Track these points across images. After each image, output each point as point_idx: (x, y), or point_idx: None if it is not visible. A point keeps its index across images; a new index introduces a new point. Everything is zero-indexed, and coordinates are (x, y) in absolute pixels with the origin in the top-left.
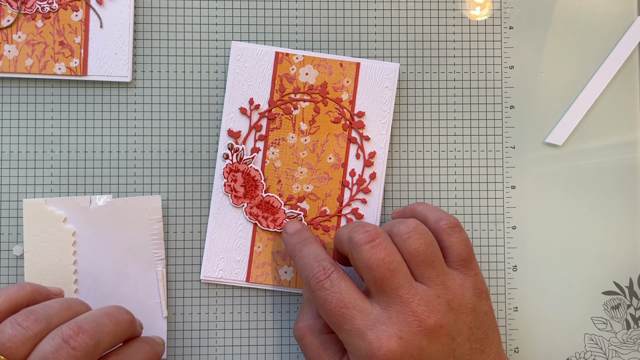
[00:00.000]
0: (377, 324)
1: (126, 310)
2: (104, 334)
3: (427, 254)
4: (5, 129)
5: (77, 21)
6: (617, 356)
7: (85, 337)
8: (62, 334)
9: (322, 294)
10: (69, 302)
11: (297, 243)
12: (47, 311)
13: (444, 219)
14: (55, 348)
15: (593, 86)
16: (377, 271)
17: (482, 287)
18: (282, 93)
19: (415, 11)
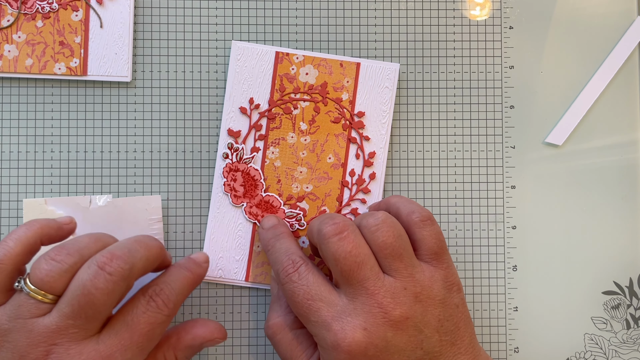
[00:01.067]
0: (342, 315)
1: (154, 238)
2: (137, 259)
3: (395, 246)
4: (5, 129)
5: (77, 21)
6: (617, 356)
7: (119, 262)
8: (97, 262)
9: (290, 287)
10: (97, 235)
11: (271, 238)
12: (78, 245)
13: (416, 212)
14: (93, 275)
15: (593, 86)
16: (344, 263)
17: (452, 280)
18: (282, 93)
19: (415, 11)
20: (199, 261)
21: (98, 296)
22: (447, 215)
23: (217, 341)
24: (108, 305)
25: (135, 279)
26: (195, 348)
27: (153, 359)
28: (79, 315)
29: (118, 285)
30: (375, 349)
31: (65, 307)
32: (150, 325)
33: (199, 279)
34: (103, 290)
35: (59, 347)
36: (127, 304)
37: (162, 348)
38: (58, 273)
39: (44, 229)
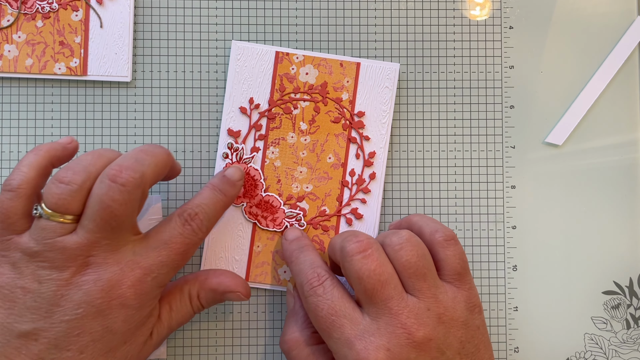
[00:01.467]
0: (365, 334)
1: (159, 145)
2: (145, 166)
3: (419, 266)
4: (5, 129)
5: (77, 21)
6: (617, 356)
7: (130, 172)
8: (108, 176)
9: (314, 300)
10: (99, 151)
11: (295, 250)
12: (82, 163)
13: (439, 231)
14: (107, 189)
15: (593, 86)
16: (368, 282)
17: (475, 302)
18: (282, 92)
19: (415, 11)
20: (234, 179)
21: (116, 207)
22: (447, 215)
23: (240, 297)
24: (129, 214)
25: (148, 187)
26: (218, 294)
27: (179, 292)
28: (104, 228)
29: (132, 194)
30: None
31: (89, 224)
32: (186, 245)
33: (232, 200)
34: (120, 201)
35: (96, 257)
36: (164, 223)
37: (188, 283)
38: (69, 194)
39: (51, 152)
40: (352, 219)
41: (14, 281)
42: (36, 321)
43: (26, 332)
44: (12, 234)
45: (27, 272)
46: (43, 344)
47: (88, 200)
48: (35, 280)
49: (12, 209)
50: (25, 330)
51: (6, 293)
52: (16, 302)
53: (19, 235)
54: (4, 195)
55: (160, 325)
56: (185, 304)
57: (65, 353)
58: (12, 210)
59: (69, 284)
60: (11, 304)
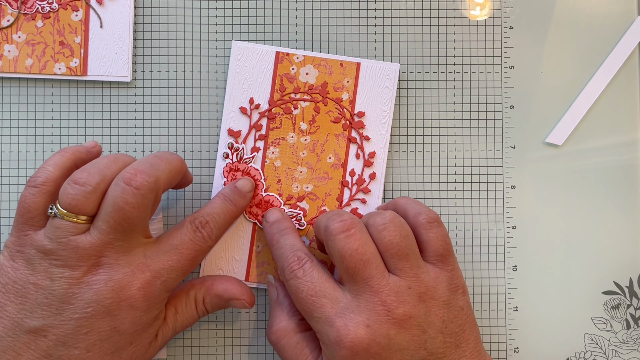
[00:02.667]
0: (346, 311)
1: (173, 152)
2: (160, 172)
3: (402, 246)
4: (5, 129)
5: (77, 21)
6: (617, 356)
7: (144, 176)
8: (123, 179)
9: (295, 283)
10: (115, 155)
11: (276, 233)
12: (98, 166)
13: (423, 213)
14: (121, 192)
15: (593, 86)
16: (350, 261)
17: (457, 282)
18: (282, 93)
19: (415, 11)
20: (244, 191)
21: (130, 210)
22: (447, 215)
23: (244, 304)
24: (141, 217)
25: (162, 192)
26: (223, 300)
27: (185, 296)
28: (117, 230)
29: (146, 198)
30: (377, 346)
31: (103, 225)
32: (195, 252)
33: (242, 211)
34: (133, 204)
35: (109, 258)
36: (176, 229)
37: (195, 287)
38: (83, 195)
39: (76, 154)
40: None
41: (27, 277)
42: (46, 318)
43: (36, 328)
44: (30, 229)
45: (40, 269)
46: (52, 340)
47: (102, 202)
48: (47, 277)
49: (34, 204)
50: (35, 326)
51: (19, 288)
52: (28, 297)
53: (36, 232)
54: (28, 191)
55: (165, 327)
56: (191, 308)
57: (73, 350)
58: (33, 206)
59: (80, 282)
60: (23, 300)
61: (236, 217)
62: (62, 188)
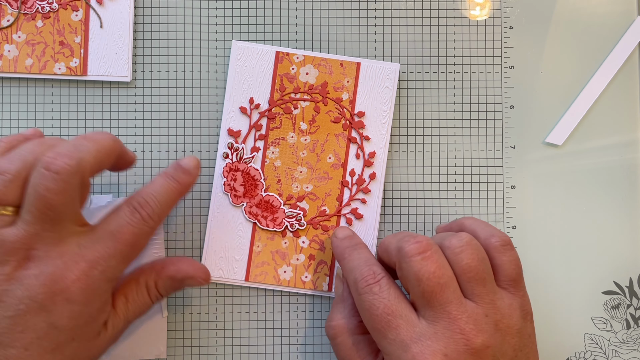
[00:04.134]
0: (422, 337)
1: (108, 133)
2: (84, 153)
3: (479, 270)
4: (5, 129)
5: (77, 21)
6: (617, 356)
7: (64, 159)
8: (42, 164)
9: (370, 298)
10: (42, 140)
11: (348, 247)
12: (20, 152)
13: (495, 235)
14: (40, 178)
15: (593, 86)
16: (427, 284)
17: (528, 309)
18: (282, 92)
19: (415, 11)
20: (188, 167)
21: (52, 197)
22: (447, 216)
23: (200, 281)
24: (67, 204)
25: (88, 175)
26: (176, 281)
27: (135, 283)
28: (41, 219)
29: (68, 183)
30: None
31: (26, 215)
32: (135, 236)
33: (187, 188)
34: (54, 190)
35: (38, 250)
36: (111, 214)
37: (145, 273)
38: (3, 184)
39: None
40: (352, 219)
41: None
42: None
43: None
44: None
45: None
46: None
47: (26, 190)
48: None
49: None
50: None
51: None
52: None
53: None
54: None
55: (116, 317)
56: (142, 294)
57: (10, 350)
58: None
59: (10, 278)
60: None
61: (181, 195)
62: None
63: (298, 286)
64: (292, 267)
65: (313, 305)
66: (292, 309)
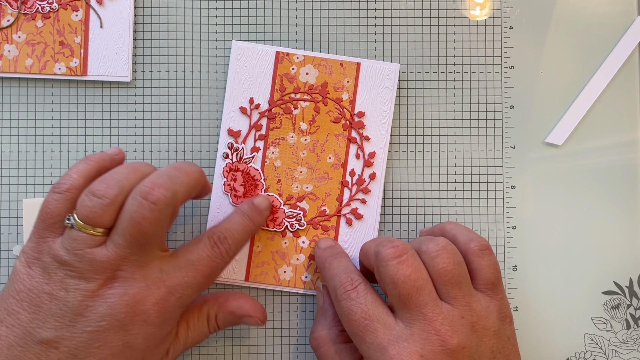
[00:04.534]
0: (399, 340)
1: (193, 163)
2: (178, 185)
3: (455, 273)
4: (5, 129)
5: (77, 21)
6: (617, 356)
7: (162, 190)
8: (140, 193)
9: (348, 304)
10: (134, 166)
11: (329, 256)
12: (116, 177)
13: (474, 240)
14: (138, 206)
15: (593, 86)
16: (403, 287)
17: (506, 312)
18: (282, 92)
19: (415, 11)
20: (262, 208)
21: (146, 225)
22: (447, 216)
23: (257, 322)
24: (158, 233)
25: (179, 205)
26: (235, 317)
27: (198, 311)
28: (132, 244)
29: (163, 213)
30: None
31: (119, 239)
32: (212, 269)
33: (258, 228)
34: (150, 219)
35: (124, 271)
36: (192, 244)
37: (208, 303)
38: (100, 208)
39: (100, 162)
40: (352, 219)
41: (42, 286)
42: (59, 329)
43: (47, 339)
44: (49, 235)
45: (56, 278)
46: (63, 352)
47: (120, 215)
48: (62, 288)
49: (57, 210)
50: (47, 337)
51: (33, 297)
52: (42, 307)
53: (54, 240)
54: (51, 197)
55: (177, 343)
56: (203, 324)
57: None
58: (55, 212)
59: (95, 295)
60: (36, 309)
61: (252, 233)
62: (80, 199)
63: (298, 286)
64: (292, 267)
65: (313, 305)
66: (292, 309)
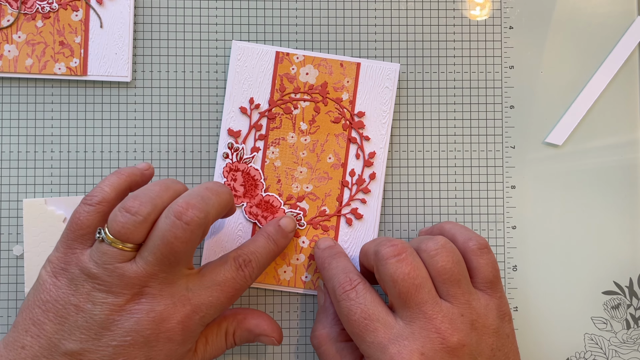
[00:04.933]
0: (399, 338)
1: (222, 184)
2: (210, 206)
3: (454, 272)
4: (5, 129)
5: (77, 21)
6: (617, 356)
7: (195, 211)
8: (174, 212)
9: (347, 304)
10: (167, 183)
11: (328, 257)
12: (149, 194)
13: (473, 239)
14: (171, 225)
15: (593, 86)
16: (402, 285)
17: (505, 310)
18: (282, 93)
19: (415, 11)
20: (287, 231)
21: (178, 245)
22: (447, 216)
23: (272, 341)
24: (188, 252)
25: (210, 225)
26: (252, 335)
27: (217, 327)
28: (162, 262)
29: (195, 233)
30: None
31: (149, 256)
32: (235, 290)
33: (281, 251)
34: (182, 239)
35: (152, 288)
36: (218, 265)
37: (227, 320)
38: (133, 225)
39: (131, 177)
40: (352, 219)
41: (68, 297)
42: (84, 341)
43: (72, 350)
44: (78, 247)
45: (83, 291)
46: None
47: (151, 233)
48: (89, 300)
49: (87, 221)
50: (72, 349)
51: (59, 308)
52: (68, 319)
53: (82, 252)
54: (83, 208)
55: (195, 357)
56: (221, 339)
57: None
58: (86, 223)
59: (122, 310)
60: (62, 320)
61: (276, 256)
62: (112, 214)
63: (298, 286)
64: (292, 267)
65: (313, 305)
66: (292, 309)
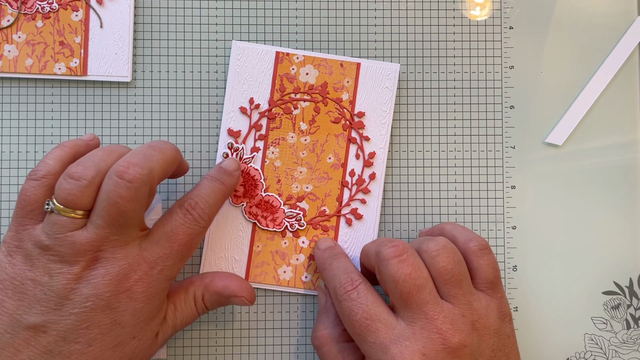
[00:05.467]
0: (401, 339)
1: (168, 142)
2: (153, 163)
3: (455, 272)
4: (5, 129)
5: (77, 21)
6: (617, 356)
7: (137, 169)
8: (116, 172)
9: (349, 305)
10: (110, 147)
11: (328, 257)
12: (93, 159)
13: (473, 240)
14: (114, 186)
15: (593, 86)
16: (403, 286)
17: (506, 310)
18: (282, 93)
19: (415, 11)
20: (230, 170)
21: (123, 204)
22: (447, 216)
23: (244, 302)
24: (136, 211)
25: (156, 183)
26: (222, 297)
27: (184, 292)
28: (112, 224)
29: (140, 191)
30: None
31: (98, 220)
32: (188, 236)
33: (231, 190)
34: (127, 198)
35: (105, 252)
36: (165, 216)
37: (194, 284)
38: (79, 190)
39: (75, 147)
40: (352, 219)
41: (25, 273)
42: (45, 314)
43: (35, 324)
44: (29, 223)
45: (39, 264)
46: (52, 336)
47: (98, 197)
48: (46, 273)
49: (35, 196)
50: (34, 322)
51: (17, 284)
52: (26, 294)
53: (34, 227)
54: (29, 184)
55: (165, 325)
56: (190, 305)
57: (74, 345)
58: (34, 198)
59: (79, 278)
60: (21, 296)
61: (226, 195)
62: (57, 183)
63: (298, 286)
64: (292, 267)
65: (313, 305)
66: (292, 309)
